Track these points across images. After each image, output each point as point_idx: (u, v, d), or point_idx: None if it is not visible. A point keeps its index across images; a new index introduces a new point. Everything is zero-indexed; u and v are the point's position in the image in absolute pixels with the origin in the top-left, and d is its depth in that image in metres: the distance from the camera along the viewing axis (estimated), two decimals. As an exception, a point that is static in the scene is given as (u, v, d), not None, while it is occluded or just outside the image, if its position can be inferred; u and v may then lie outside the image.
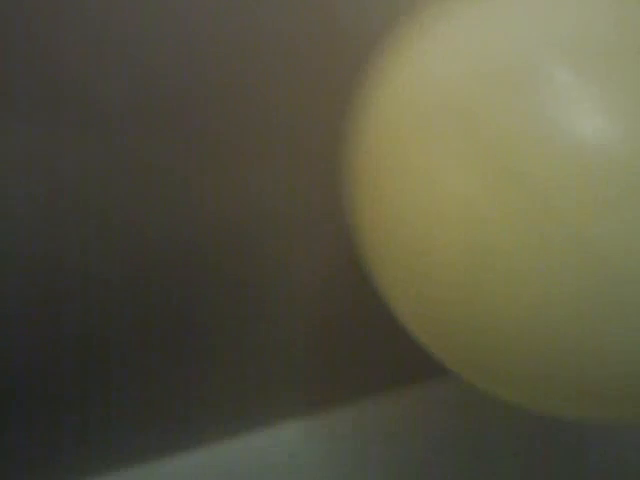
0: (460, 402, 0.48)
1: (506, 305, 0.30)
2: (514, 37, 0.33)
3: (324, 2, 0.43)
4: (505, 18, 0.34)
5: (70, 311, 0.43)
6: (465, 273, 0.31)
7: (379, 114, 0.36)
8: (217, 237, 0.44)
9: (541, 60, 0.32)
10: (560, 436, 0.47)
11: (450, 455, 0.48)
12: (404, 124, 0.33)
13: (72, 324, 0.43)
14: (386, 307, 0.37)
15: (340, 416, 0.49)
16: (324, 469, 0.48)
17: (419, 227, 0.32)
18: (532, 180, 0.30)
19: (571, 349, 0.30)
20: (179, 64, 0.41)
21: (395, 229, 0.34)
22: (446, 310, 0.32)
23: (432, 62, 0.34)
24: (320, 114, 0.44)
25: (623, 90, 0.31)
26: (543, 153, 0.30)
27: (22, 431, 0.44)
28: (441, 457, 0.48)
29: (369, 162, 0.36)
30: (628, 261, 0.29)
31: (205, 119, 0.43)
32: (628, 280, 0.29)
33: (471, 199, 0.31)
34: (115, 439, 0.46)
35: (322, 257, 0.48)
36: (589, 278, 0.29)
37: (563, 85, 0.31)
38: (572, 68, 0.32)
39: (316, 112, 0.44)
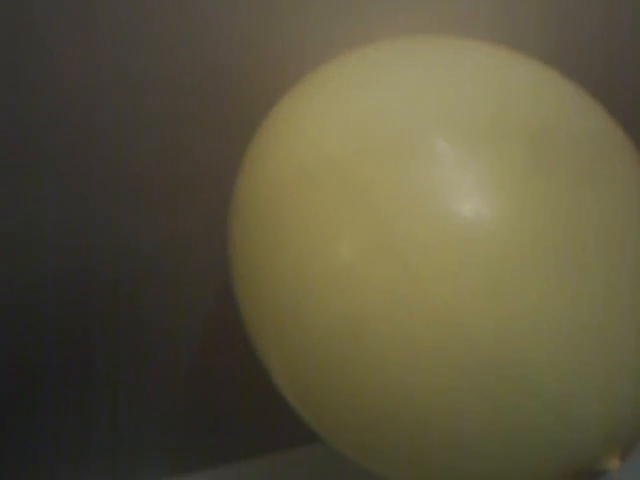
0: (330, 469, 0.49)
1: (374, 374, 0.31)
2: (403, 107, 0.33)
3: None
4: (398, 86, 0.34)
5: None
6: (336, 340, 0.31)
7: (264, 170, 0.35)
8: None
9: (426, 134, 0.32)
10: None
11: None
12: (288, 183, 0.33)
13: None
14: (262, 372, 0.38)
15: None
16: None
17: (294, 288, 0.32)
18: (408, 256, 0.30)
19: (433, 424, 0.31)
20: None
21: (271, 289, 0.34)
22: (317, 377, 0.32)
23: (321, 124, 0.34)
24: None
25: (504, 170, 0.31)
26: (422, 231, 0.30)
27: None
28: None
29: (250, 218, 0.35)
30: (497, 349, 0.29)
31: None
32: (495, 367, 0.29)
33: (346, 266, 0.31)
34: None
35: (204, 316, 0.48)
36: (455, 359, 0.29)
37: (445, 160, 0.31)
38: (455, 144, 0.32)
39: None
